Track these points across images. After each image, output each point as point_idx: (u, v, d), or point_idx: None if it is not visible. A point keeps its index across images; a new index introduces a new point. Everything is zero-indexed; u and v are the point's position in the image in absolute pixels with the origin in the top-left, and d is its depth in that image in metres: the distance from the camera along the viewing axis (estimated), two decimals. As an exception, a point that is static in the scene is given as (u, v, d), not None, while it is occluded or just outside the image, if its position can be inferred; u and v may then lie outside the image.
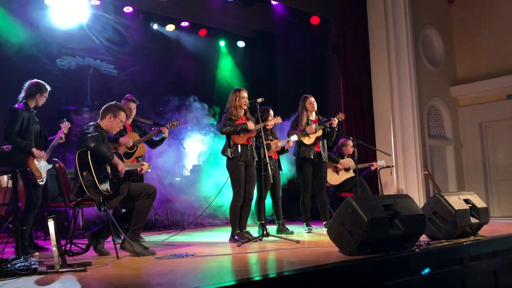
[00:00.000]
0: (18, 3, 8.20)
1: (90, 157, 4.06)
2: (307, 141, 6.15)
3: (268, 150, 5.65)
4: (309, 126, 6.10)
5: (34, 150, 4.77)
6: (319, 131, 6.14)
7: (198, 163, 8.58)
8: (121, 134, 5.57)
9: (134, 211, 4.24)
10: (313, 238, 5.41)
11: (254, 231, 5.72)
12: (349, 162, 7.16)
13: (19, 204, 4.94)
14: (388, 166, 7.62)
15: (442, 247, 4.06)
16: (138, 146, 5.67)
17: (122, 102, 5.81)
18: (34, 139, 4.85)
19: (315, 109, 6.29)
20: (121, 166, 4.28)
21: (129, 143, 5.44)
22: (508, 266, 4.50)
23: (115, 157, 4.26)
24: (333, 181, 7.00)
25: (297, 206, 6.43)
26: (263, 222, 5.40)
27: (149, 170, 5.01)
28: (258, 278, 2.96)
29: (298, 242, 4.81)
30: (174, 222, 8.15)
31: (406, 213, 3.86)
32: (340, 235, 3.80)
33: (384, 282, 3.38)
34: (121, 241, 4.26)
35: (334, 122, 6.12)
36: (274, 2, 9.91)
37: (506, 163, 8.96)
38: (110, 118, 4.41)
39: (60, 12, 8.61)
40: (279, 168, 6.22)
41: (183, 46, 10.29)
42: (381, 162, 7.47)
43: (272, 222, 6.92)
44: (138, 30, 9.65)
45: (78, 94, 8.88)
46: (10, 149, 4.87)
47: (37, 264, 3.37)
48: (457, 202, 4.56)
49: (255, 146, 5.47)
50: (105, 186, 4.11)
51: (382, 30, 8.54)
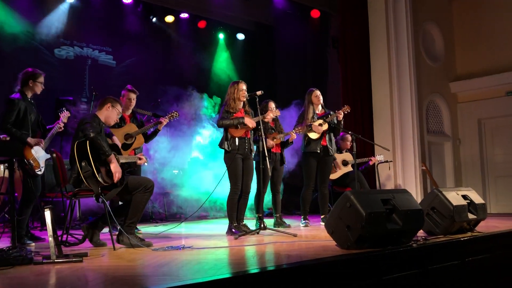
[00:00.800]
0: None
1: (89, 147, 4.03)
2: (313, 135, 6.12)
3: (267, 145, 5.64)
4: (315, 125, 6.07)
5: (30, 139, 4.73)
6: (325, 125, 6.11)
7: (197, 155, 8.56)
8: (119, 125, 5.54)
9: (131, 205, 4.21)
10: (310, 232, 5.40)
11: (252, 224, 5.71)
12: (347, 156, 7.15)
13: (16, 194, 4.91)
14: (386, 161, 7.62)
15: (439, 243, 4.05)
16: (136, 137, 5.64)
17: (123, 92, 5.80)
18: (31, 129, 4.81)
19: (321, 102, 6.27)
20: (117, 169, 4.09)
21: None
22: (504, 263, 4.50)
23: (113, 156, 4.13)
24: (331, 175, 6.99)
25: (295, 199, 6.42)
26: (261, 215, 5.38)
27: (146, 164, 4.97)
28: (254, 271, 2.94)
29: (295, 235, 4.80)
30: (171, 215, 8.15)
31: (404, 208, 3.84)
32: (338, 229, 3.79)
33: (381, 276, 3.37)
34: (117, 233, 4.24)
35: (340, 115, 6.10)
36: (274, -5, 9.86)
37: (504, 160, 8.97)
38: (109, 108, 4.38)
39: (58, 1, 8.57)
40: (282, 161, 6.18)
41: (183, 37, 10.23)
42: (379, 157, 7.46)
43: (270, 216, 6.92)
44: (138, 21, 9.59)
45: (76, 85, 8.84)
46: (7, 138, 4.83)
47: (32, 254, 3.35)
48: (455, 197, 4.55)
49: (254, 139, 5.45)
50: (102, 176, 4.07)
51: (383, 25, 8.51)
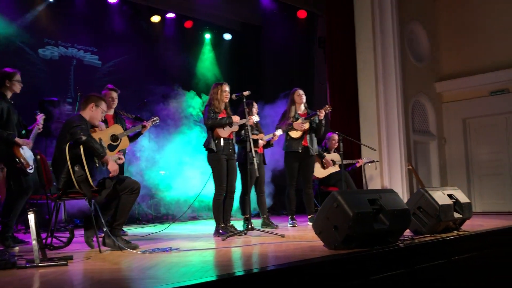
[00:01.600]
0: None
1: (82, 151, 3.97)
2: (295, 134, 6.13)
3: (256, 146, 5.64)
4: (296, 122, 6.08)
5: (18, 139, 4.66)
6: (306, 125, 6.13)
7: (184, 155, 8.51)
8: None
9: (118, 206, 4.17)
10: (297, 233, 5.40)
11: (239, 225, 5.69)
12: (335, 156, 7.17)
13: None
14: (373, 161, 7.67)
15: (426, 242, 4.08)
16: (121, 139, 5.58)
17: (103, 92, 5.72)
18: (16, 130, 4.72)
19: (303, 101, 6.27)
20: (114, 166, 4.16)
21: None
22: (490, 261, 4.54)
23: (107, 155, 4.14)
24: (318, 174, 7.02)
25: (282, 199, 6.42)
26: (248, 216, 5.37)
27: (121, 163, 4.88)
28: (241, 273, 2.92)
29: (283, 236, 4.79)
30: (158, 216, 8.09)
31: (391, 207, 3.86)
32: (325, 230, 3.79)
33: (369, 276, 3.38)
34: (103, 235, 4.20)
35: (321, 114, 6.11)
36: (261, -5, 9.85)
37: (488, 159, 9.08)
38: (93, 108, 4.32)
39: (43, 1, 8.47)
40: (264, 162, 6.22)
41: (169, 37, 10.17)
42: (366, 159, 7.55)
43: (256, 216, 6.91)
44: (123, 21, 9.51)
45: (61, 85, 8.72)
46: None
47: (16, 258, 3.30)
48: (441, 197, 4.59)
49: (236, 140, 5.46)
50: (95, 182, 4.04)
51: (369, 25, 8.56)
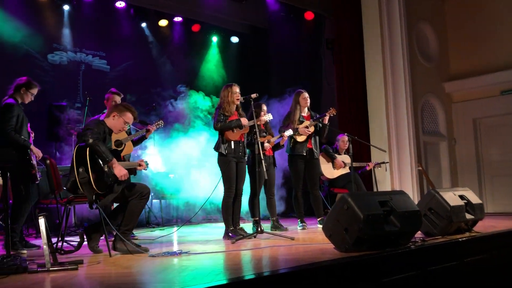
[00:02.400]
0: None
1: (88, 153, 3.97)
2: (300, 138, 6.12)
3: (263, 149, 5.63)
4: (301, 128, 6.06)
5: (33, 147, 4.69)
6: (311, 128, 6.11)
7: (193, 158, 8.52)
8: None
9: (126, 211, 4.16)
10: (307, 235, 5.37)
11: (248, 228, 5.67)
12: (345, 158, 7.14)
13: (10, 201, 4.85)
14: (383, 162, 7.61)
15: (437, 244, 4.04)
16: (125, 144, 5.58)
17: (107, 96, 5.72)
18: (25, 135, 4.75)
19: (308, 104, 6.25)
20: (121, 172, 4.06)
21: None
22: (503, 263, 4.49)
23: (114, 160, 4.06)
24: (329, 174, 7.01)
25: (291, 202, 6.40)
26: (257, 219, 5.35)
27: (145, 170, 4.92)
28: (252, 277, 2.91)
29: (292, 239, 4.77)
30: (168, 219, 8.11)
31: (402, 209, 3.82)
32: (335, 232, 3.76)
33: (380, 279, 3.35)
34: (113, 239, 4.20)
35: (326, 118, 6.10)
36: (267, -3, 9.85)
37: (499, 159, 8.98)
38: (114, 117, 4.27)
39: (51, 6, 8.54)
40: (274, 164, 6.19)
41: (176, 41, 10.21)
42: (376, 163, 7.53)
43: (266, 219, 6.88)
44: (131, 25, 9.56)
45: (69, 90, 8.79)
46: None
47: (27, 262, 3.31)
48: (452, 198, 4.54)
49: (247, 143, 5.43)
50: (98, 184, 4.02)
51: (377, 26, 8.50)
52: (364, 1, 8.72)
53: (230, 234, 5.17)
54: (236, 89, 5.35)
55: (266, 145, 5.95)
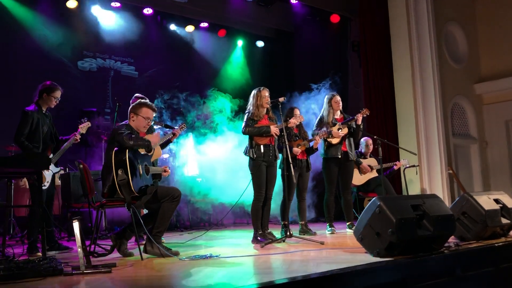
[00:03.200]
0: (41, 7, 8.33)
1: (127, 155, 4.05)
2: (333, 141, 6.07)
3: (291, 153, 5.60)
4: (334, 131, 6.02)
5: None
6: (345, 130, 6.05)
7: (220, 162, 8.56)
8: None
9: (159, 214, 4.22)
10: (337, 240, 5.33)
11: (277, 232, 5.65)
12: (372, 161, 7.04)
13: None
14: (413, 166, 7.47)
15: (472, 249, 3.94)
16: (154, 149, 5.64)
17: (132, 101, 5.79)
18: (43, 141, 4.80)
19: (340, 107, 6.22)
20: (156, 138, 4.44)
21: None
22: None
23: (150, 139, 4.29)
24: (356, 181, 6.89)
25: (318, 206, 6.35)
26: (287, 222, 5.33)
27: (169, 172, 5.01)
28: (284, 281, 2.89)
29: (322, 243, 4.73)
30: (196, 223, 8.15)
31: (435, 213, 3.75)
32: (367, 236, 3.71)
33: (413, 285, 3.29)
34: (144, 242, 4.25)
35: (359, 118, 6.04)
36: (293, 1, 9.83)
37: (534, 162, 8.74)
38: (133, 117, 4.36)
39: (80, 15, 8.74)
40: (307, 168, 6.12)
41: (203, 46, 10.31)
42: (404, 162, 7.33)
43: (295, 223, 6.84)
44: (158, 31, 9.70)
45: (99, 96, 8.97)
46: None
47: (62, 265, 3.37)
48: (486, 202, 4.43)
49: (278, 147, 5.41)
50: (136, 187, 4.10)
51: (404, 27, 8.40)
52: (391, 2, 8.63)
53: (259, 238, 5.16)
54: (265, 93, 5.35)
55: (295, 149, 5.91)
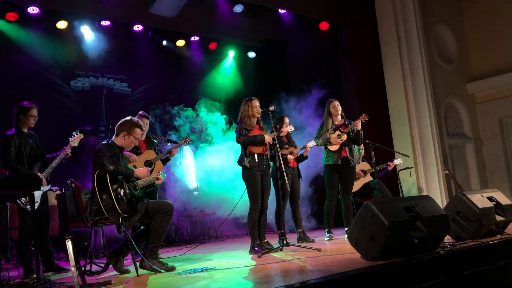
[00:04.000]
0: (31, 28, 8.38)
1: (109, 179, 4.05)
2: (333, 148, 6.07)
3: (285, 162, 5.62)
4: (333, 138, 6.03)
5: (40, 175, 4.72)
6: (344, 137, 6.04)
7: (216, 174, 8.57)
8: (135, 153, 5.55)
9: (152, 229, 4.21)
10: (334, 246, 5.32)
11: (274, 241, 5.64)
12: (364, 166, 7.04)
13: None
14: (407, 168, 7.48)
15: (468, 248, 3.94)
16: (155, 163, 5.67)
17: (136, 118, 5.83)
18: (27, 162, 4.77)
19: (339, 112, 6.21)
20: (143, 173, 4.38)
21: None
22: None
23: (134, 170, 4.29)
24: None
25: (317, 213, 6.34)
26: (283, 231, 5.33)
27: (162, 181, 5.00)
28: (279, 289, 2.89)
29: (319, 250, 4.72)
30: (194, 236, 8.13)
31: (428, 214, 3.75)
32: (361, 241, 3.71)
33: (410, 287, 3.28)
34: (140, 258, 4.24)
35: (358, 124, 6.04)
36: (281, 11, 9.89)
37: (529, 157, 8.75)
38: (124, 136, 4.39)
39: (71, 35, 8.80)
40: (299, 176, 6.15)
41: (195, 60, 10.36)
42: (397, 161, 7.32)
43: (293, 232, 6.83)
44: (149, 47, 9.75)
45: (93, 114, 8.99)
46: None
47: (57, 285, 3.37)
48: (480, 200, 4.43)
49: (270, 155, 5.42)
50: (123, 207, 4.09)
51: (393, 31, 8.46)
52: (378, 6, 8.69)
53: (256, 248, 5.14)
54: (256, 103, 5.38)
55: (290, 157, 5.94)
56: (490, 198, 4.57)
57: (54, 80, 8.65)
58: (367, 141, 6.52)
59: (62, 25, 8.63)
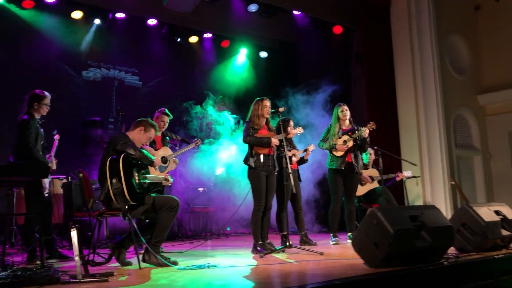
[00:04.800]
0: (46, 17, 8.43)
1: (122, 164, 4.08)
2: (338, 153, 6.05)
3: (290, 163, 5.61)
4: (339, 144, 6.01)
5: (51, 164, 4.80)
6: (350, 143, 6.02)
7: (222, 172, 8.58)
8: (151, 147, 5.59)
9: (157, 224, 4.23)
10: (337, 250, 5.30)
11: (275, 242, 5.64)
12: (373, 172, 7.02)
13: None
14: (414, 176, 7.44)
15: (472, 260, 3.92)
16: (170, 161, 5.70)
17: (156, 114, 5.87)
18: (42, 149, 4.84)
19: (348, 117, 6.18)
20: (158, 163, 4.65)
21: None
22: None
23: (154, 160, 4.39)
24: (357, 192, 6.86)
25: (321, 216, 6.33)
26: (285, 233, 5.32)
27: (169, 184, 5.06)
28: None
29: (321, 254, 4.72)
30: (197, 232, 8.15)
31: (433, 224, 3.74)
32: (365, 247, 3.70)
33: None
34: (143, 251, 4.25)
35: (366, 132, 6.00)
36: (296, 12, 9.87)
37: (537, 173, 8.69)
38: (141, 131, 4.45)
39: (86, 25, 8.84)
40: (298, 178, 6.15)
41: (206, 57, 10.38)
42: (406, 173, 7.29)
43: (296, 234, 6.82)
44: (162, 42, 9.77)
45: (103, 106, 9.03)
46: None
47: (59, 274, 3.38)
48: (487, 213, 4.41)
49: (276, 156, 5.42)
50: (131, 193, 4.11)
51: (406, 38, 8.42)
52: (393, 13, 8.66)
53: (259, 248, 5.15)
54: (267, 103, 5.37)
55: (294, 159, 5.95)
56: (497, 212, 4.54)
57: (66, 69, 8.69)
58: (375, 147, 6.50)
59: (77, 15, 8.66)
